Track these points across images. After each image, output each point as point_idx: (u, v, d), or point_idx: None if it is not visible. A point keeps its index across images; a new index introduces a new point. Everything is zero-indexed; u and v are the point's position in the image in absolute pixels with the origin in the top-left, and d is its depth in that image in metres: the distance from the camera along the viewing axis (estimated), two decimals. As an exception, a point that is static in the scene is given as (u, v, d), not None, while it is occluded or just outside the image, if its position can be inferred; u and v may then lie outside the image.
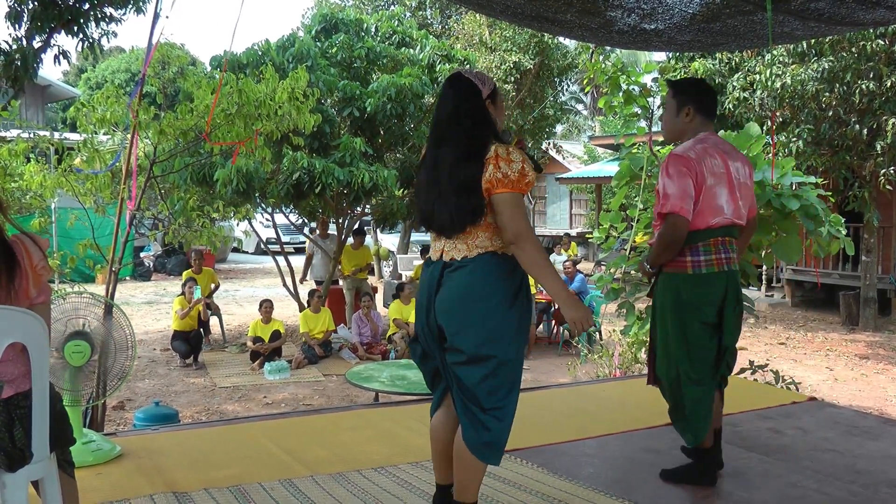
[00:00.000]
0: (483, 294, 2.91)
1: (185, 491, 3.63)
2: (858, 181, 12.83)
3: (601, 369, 8.42)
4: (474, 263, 2.92)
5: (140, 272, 19.84)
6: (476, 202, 2.88)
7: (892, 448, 4.45)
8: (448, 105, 3.01)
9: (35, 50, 5.58)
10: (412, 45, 12.60)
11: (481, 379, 2.91)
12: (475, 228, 2.92)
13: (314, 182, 9.98)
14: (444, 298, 2.97)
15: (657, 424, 4.81)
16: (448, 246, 2.99)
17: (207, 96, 6.66)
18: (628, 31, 5.11)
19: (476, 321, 2.90)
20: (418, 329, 3.13)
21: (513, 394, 2.98)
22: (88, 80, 35.61)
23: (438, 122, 3.05)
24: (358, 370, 7.45)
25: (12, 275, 2.45)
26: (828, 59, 11.75)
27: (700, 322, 3.63)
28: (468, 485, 3.01)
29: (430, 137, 3.08)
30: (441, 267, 3.00)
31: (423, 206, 3.06)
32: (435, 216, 2.99)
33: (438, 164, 2.98)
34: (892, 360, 11.10)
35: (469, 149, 2.91)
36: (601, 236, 7.25)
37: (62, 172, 6.88)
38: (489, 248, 2.93)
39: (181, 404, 8.40)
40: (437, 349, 3.04)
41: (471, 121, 2.96)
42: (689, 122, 3.72)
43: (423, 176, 3.08)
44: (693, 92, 3.75)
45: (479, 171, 2.87)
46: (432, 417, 3.24)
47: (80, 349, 3.63)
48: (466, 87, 3.00)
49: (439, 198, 2.96)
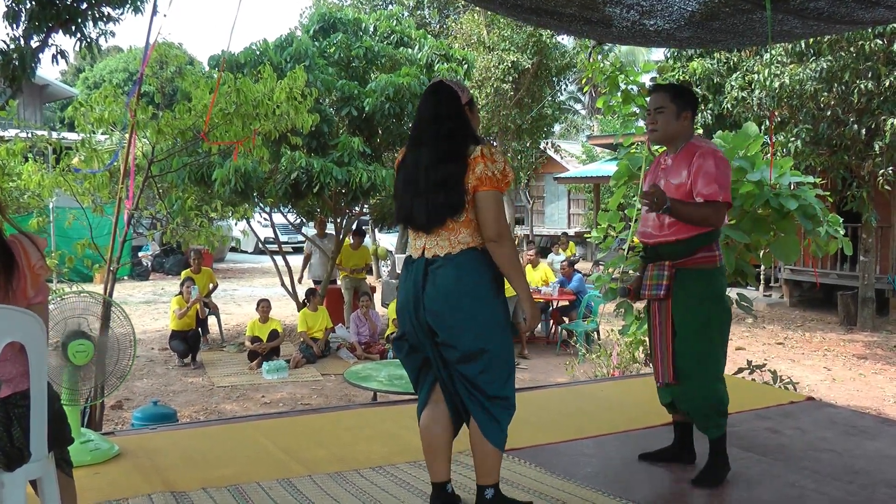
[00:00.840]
0: (472, 288, 3.06)
1: (183, 490, 3.63)
2: (857, 181, 12.83)
3: (599, 369, 8.43)
4: (459, 259, 3.07)
5: (138, 272, 19.83)
6: (455, 199, 3.04)
7: (890, 448, 4.46)
8: (429, 109, 3.19)
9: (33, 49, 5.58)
10: (410, 44, 12.59)
11: (479, 372, 3.08)
12: (457, 225, 3.07)
13: (312, 182, 9.97)
14: (434, 295, 3.08)
15: (655, 424, 4.82)
16: (430, 243, 3.13)
17: (205, 96, 6.66)
18: (627, 27, 5.11)
19: (468, 316, 3.05)
20: (406, 327, 3.23)
21: (510, 380, 3.18)
22: (86, 79, 35.58)
23: (419, 124, 3.23)
24: (356, 370, 7.45)
25: (10, 274, 2.45)
26: (826, 59, 11.76)
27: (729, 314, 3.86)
28: (492, 468, 3.21)
29: (410, 140, 3.27)
30: (424, 264, 3.13)
31: (402, 204, 3.22)
32: (414, 214, 3.14)
33: (417, 164, 3.14)
34: (889, 361, 11.11)
35: (448, 148, 3.08)
36: (599, 236, 7.25)
37: (60, 172, 6.87)
38: (471, 244, 3.09)
39: (179, 404, 8.39)
40: (429, 344, 3.15)
41: (451, 123, 3.13)
42: (686, 125, 3.84)
43: (402, 176, 3.24)
44: (691, 98, 3.92)
45: (458, 169, 3.03)
46: (420, 417, 3.30)
47: (84, 348, 3.64)
48: (447, 93, 3.19)
49: (417, 196, 3.11)
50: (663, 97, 3.85)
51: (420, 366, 3.29)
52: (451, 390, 3.21)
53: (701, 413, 3.81)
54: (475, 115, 3.26)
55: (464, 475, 3.80)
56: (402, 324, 3.26)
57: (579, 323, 11.42)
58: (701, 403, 3.78)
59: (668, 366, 3.83)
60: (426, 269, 3.11)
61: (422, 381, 3.32)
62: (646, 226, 3.91)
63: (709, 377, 3.76)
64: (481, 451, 3.17)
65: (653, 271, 3.84)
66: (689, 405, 3.85)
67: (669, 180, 3.80)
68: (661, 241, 3.81)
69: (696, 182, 3.67)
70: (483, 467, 3.21)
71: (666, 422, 4.83)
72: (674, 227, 3.73)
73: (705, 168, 3.65)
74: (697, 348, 3.76)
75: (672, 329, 3.80)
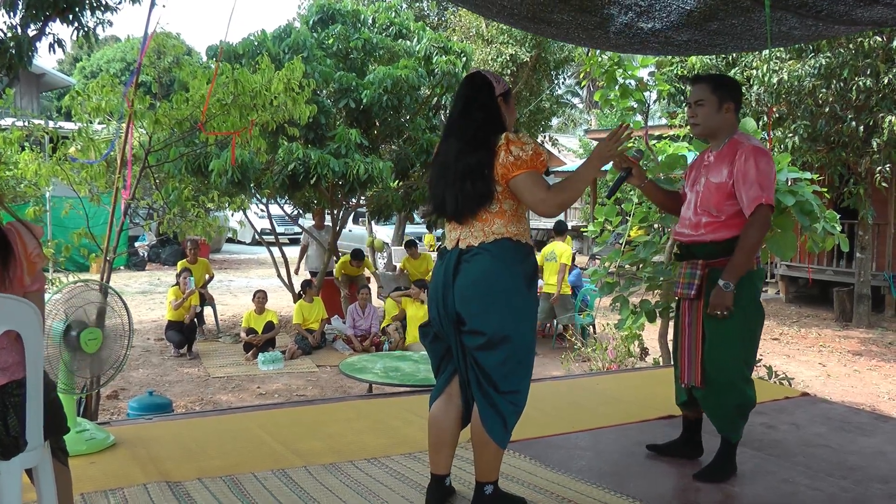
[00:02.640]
0: (505, 276, 3.04)
1: (178, 480, 3.63)
2: (854, 178, 12.85)
3: (595, 363, 8.44)
4: (494, 248, 3.05)
5: (134, 262, 19.81)
6: (483, 188, 3.02)
7: (884, 444, 4.47)
8: (461, 100, 3.17)
9: (30, 38, 5.55)
10: (409, 36, 12.56)
11: (499, 362, 3.05)
12: (490, 215, 3.06)
13: (309, 173, 9.96)
14: (466, 283, 3.07)
15: (650, 418, 4.84)
16: (464, 234, 3.12)
17: (203, 86, 6.65)
18: (624, 32, 5.08)
19: (499, 302, 3.02)
20: (433, 314, 3.22)
21: (527, 378, 3.16)
22: (83, 69, 35.49)
23: (451, 116, 3.22)
24: (352, 361, 7.45)
25: (7, 263, 2.45)
26: (825, 56, 11.75)
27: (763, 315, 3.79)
28: (492, 466, 3.19)
29: (444, 131, 3.26)
30: (458, 254, 3.11)
31: (435, 194, 3.20)
32: (446, 203, 3.13)
33: (447, 154, 3.13)
34: (884, 357, 11.14)
35: (475, 137, 3.06)
36: (596, 230, 7.26)
37: (57, 161, 6.85)
38: (505, 235, 3.07)
39: (175, 394, 8.39)
40: (453, 333, 3.13)
41: (481, 113, 3.11)
42: (729, 117, 3.73)
43: (436, 167, 3.22)
44: (734, 88, 3.79)
45: (485, 157, 3.01)
46: (432, 405, 3.29)
47: (94, 336, 3.65)
48: (480, 83, 3.16)
49: (448, 185, 3.10)
50: (703, 89, 3.74)
51: (443, 354, 3.28)
52: (467, 384, 3.19)
53: (725, 416, 3.74)
54: (511, 108, 3.21)
55: (462, 469, 3.80)
56: (430, 311, 3.25)
57: (575, 317, 11.44)
58: (726, 406, 3.72)
59: (695, 370, 3.73)
60: (459, 259, 3.09)
61: (442, 370, 3.30)
62: (683, 225, 3.84)
63: (737, 379, 3.68)
64: (482, 448, 3.15)
65: (686, 269, 3.76)
66: (713, 408, 3.77)
67: (710, 178, 3.70)
68: (695, 241, 3.76)
69: (740, 190, 3.59)
70: (483, 464, 3.18)
71: (661, 415, 4.86)
72: (710, 227, 3.68)
73: (746, 171, 3.56)
74: (728, 353, 3.66)
75: (702, 331, 3.72)
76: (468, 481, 3.54)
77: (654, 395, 5.47)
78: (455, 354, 3.17)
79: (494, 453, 3.15)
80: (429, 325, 3.30)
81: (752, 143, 3.65)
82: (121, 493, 3.47)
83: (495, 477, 3.22)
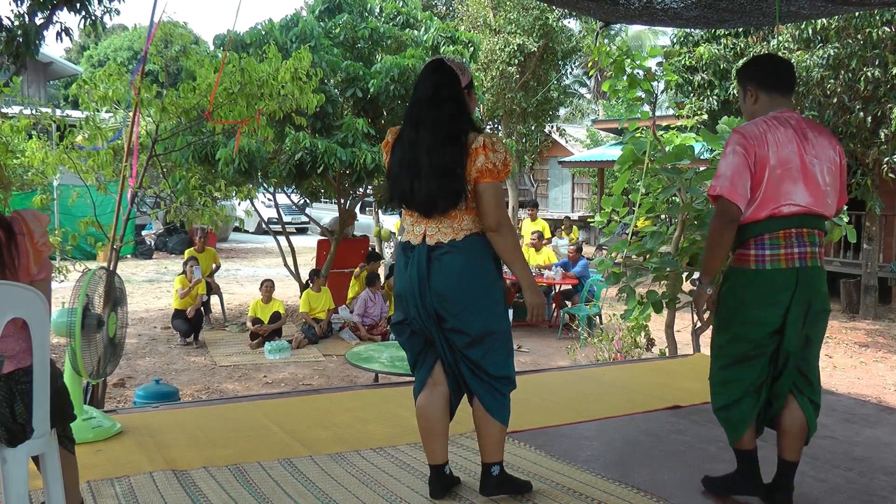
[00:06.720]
0: (479, 274, 3.10)
1: (184, 469, 3.65)
2: (861, 169, 12.80)
3: (601, 353, 8.44)
4: (465, 245, 3.09)
5: (141, 250, 19.85)
6: (457, 187, 3.04)
7: (890, 436, 4.47)
8: (429, 88, 3.12)
9: (37, 27, 5.55)
10: (416, 26, 12.54)
11: (485, 354, 3.13)
12: (459, 213, 3.08)
13: (316, 162, 9.97)
14: (443, 284, 3.09)
15: (656, 408, 4.83)
16: (431, 230, 3.12)
17: (210, 75, 6.64)
18: (635, 4, 5.08)
19: (479, 302, 3.09)
20: (410, 312, 3.21)
21: (511, 358, 3.26)
22: (91, 57, 35.55)
23: (418, 104, 3.15)
24: (358, 351, 7.47)
25: (13, 251, 2.45)
26: (833, 46, 11.70)
27: (757, 324, 3.23)
28: (497, 446, 3.27)
29: (407, 118, 3.19)
30: (426, 250, 3.12)
31: (399, 185, 3.17)
32: (414, 196, 3.11)
33: (418, 145, 3.09)
34: (891, 349, 11.11)
35: (449, 133, 3.05)
36: (603, 220, 7.26)
37: (64, 149, 6.86)
38: (473, 230, 3.10)
39: (181, 382, 8.42)
40: (435, 330, 3.17)
41: (453, 106, 3.09)
42: (753, 103, 3.34)
43: (399, 155, 3.18)
44: (752, 69, 3.39)
45: (459, 156, 3.02)
46: (417, 399, 3.31)
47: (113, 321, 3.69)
48: (449, 74, 3.13)
49: (418, 178, 3.08)
50: (738, 82, 3.47)
51: (420, 349, 3.30)
52: (454, 373, 3.23)
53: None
54: (473, 99, 3.21)
55: (464, 457, 3.81)
56: (404, 309, 3.24)
57: (581, 307, 11.43)
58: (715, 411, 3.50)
59: None
60: (429, 256, 3.10)
61: (420, 363, 3.32)
62: None
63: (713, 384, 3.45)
64: (487, 429, 3.21)
65: None
66: None
67: None
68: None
69: None
70: (489, 445, 3.25)
71: (667, 406, 4.86)
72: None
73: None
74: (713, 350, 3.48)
75: None
76: (470, 469, 3.56)
77: (661, 385, 5.47)
78: (440, 348, 3.21)
79: (499, 432, 3.22)
80: (402, 322, 3.28)
81: (740, 126, 3.29)
82: (127, 481, 3.48)
83: (501, 457, 3.29)
